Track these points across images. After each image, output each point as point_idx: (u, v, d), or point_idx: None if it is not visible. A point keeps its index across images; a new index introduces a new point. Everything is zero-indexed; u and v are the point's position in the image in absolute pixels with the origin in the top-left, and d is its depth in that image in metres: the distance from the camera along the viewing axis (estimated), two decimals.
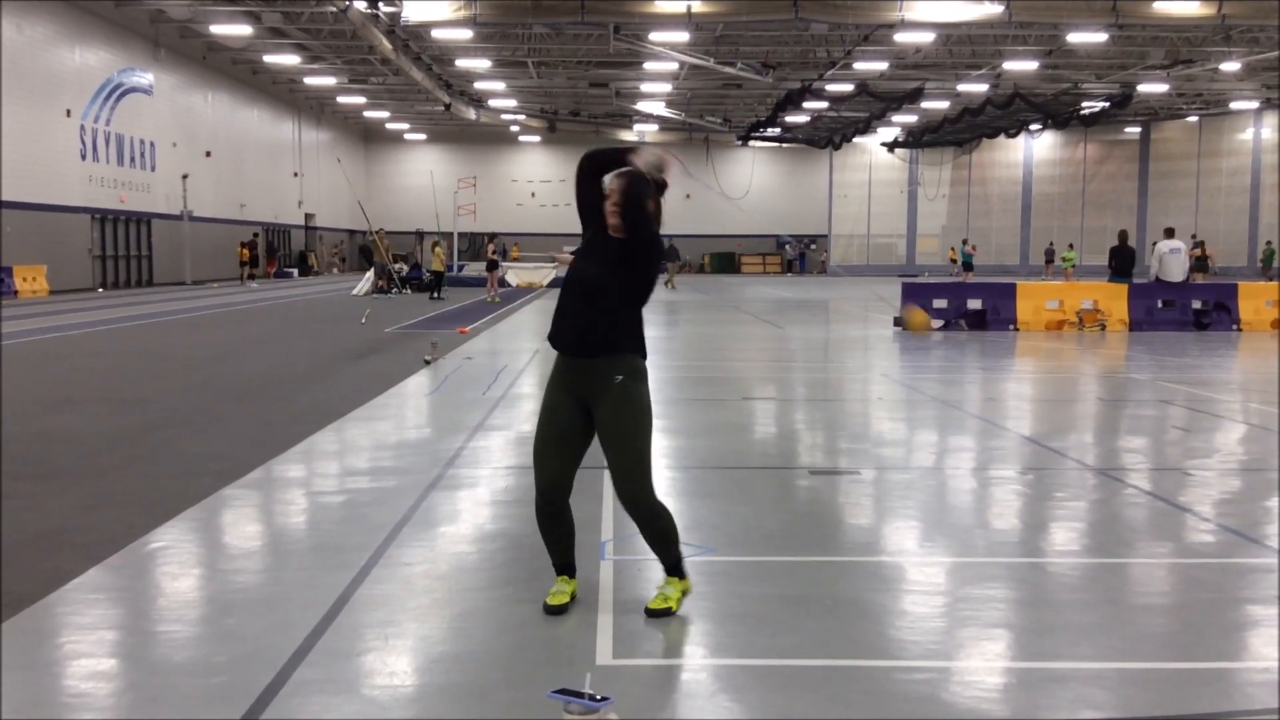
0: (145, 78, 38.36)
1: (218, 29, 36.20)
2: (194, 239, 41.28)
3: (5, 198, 30.09)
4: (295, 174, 54.68)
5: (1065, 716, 3.74)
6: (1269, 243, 48.43)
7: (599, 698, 3.46)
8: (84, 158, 34.46)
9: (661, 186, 4.70)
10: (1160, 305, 21.13)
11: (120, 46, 36.48)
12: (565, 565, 4.81)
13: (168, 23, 37.35)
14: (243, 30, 35.90)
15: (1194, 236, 44.98)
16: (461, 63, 40.86)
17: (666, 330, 20.67)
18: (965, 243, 50.55)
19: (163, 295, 32.70)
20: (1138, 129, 58.28)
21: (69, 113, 33.47)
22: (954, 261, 55.18)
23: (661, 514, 4.70)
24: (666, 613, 4.61)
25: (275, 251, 53.54)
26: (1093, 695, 3.90)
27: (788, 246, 65.08)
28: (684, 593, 4.73)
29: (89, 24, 34.52)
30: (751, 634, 4.46)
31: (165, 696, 3.85)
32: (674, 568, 4.73)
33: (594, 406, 4.65)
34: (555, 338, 4.72)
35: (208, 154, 43.87)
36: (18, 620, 4.58)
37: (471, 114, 50.88)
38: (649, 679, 4.09)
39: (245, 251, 42.59)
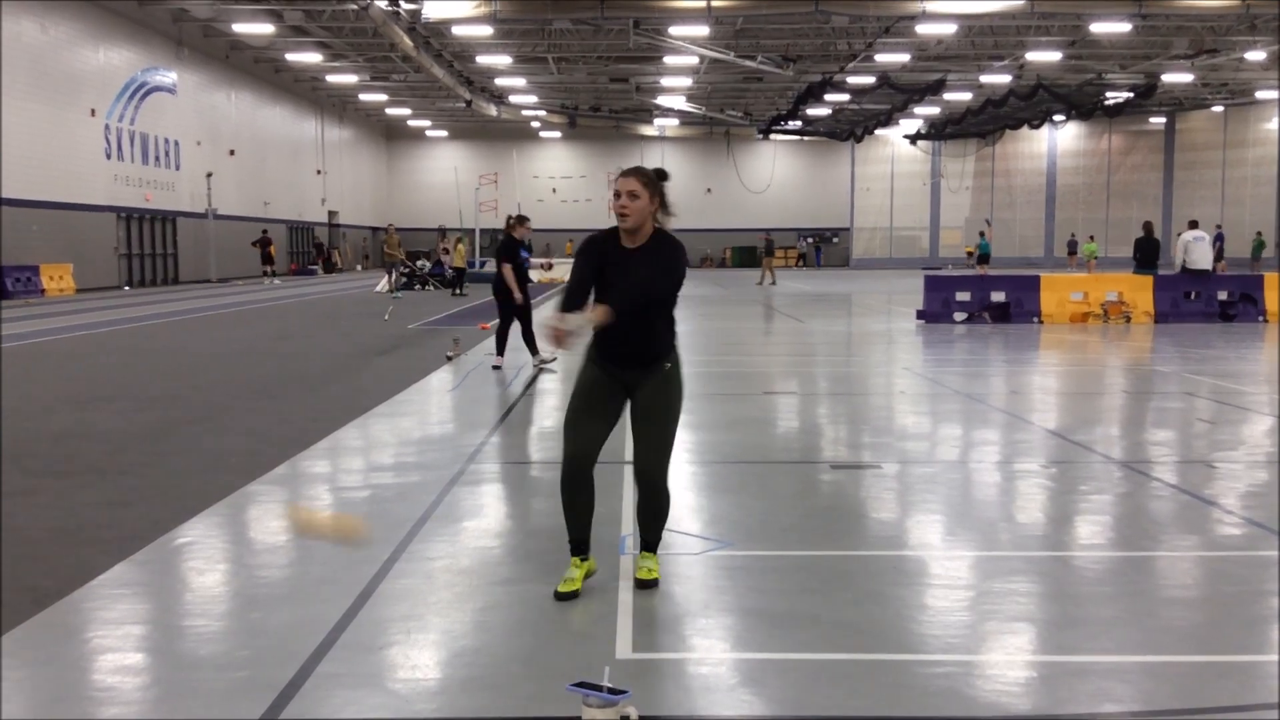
0: (169, 77, 38.61)
1: (240, 28, 36.42)
2: (218, 237, 41.52)
3: (32, 197, 30.36)
4: (318, 171, 54.96)
5: (1086, 710, 3.72)
6: (1259, 233, 47.90)
7: (618, 690, 3.47)
8: (109, 157, 34.72)
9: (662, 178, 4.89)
10: (1187, 297, 20.96)
11: (143, 46, 36.72)
12: (581, 543, 4.89)
13: (190, 21, 37.60)
14: (265, 29, 36.10)
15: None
16: (482, 59, 40.96)
17: (689, 325, 20.64)
18: (982, 234, 49.90)
19: (188, 293, 32.93)
20: (1162, 119, 57.80)
21: (93, 112, 33.72)
22: (970, 255, 54.63)
23: (667, 494, 4.95)
24: (656, 583, 4.89)
25: (332, 246, 54.48)
26: (1114, 689, 3.89)
27: (804, 240, 65.06)
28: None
29: (112, 23, 34.76)
30: (771, 628, 4.47)
31: (190, 691, 3.89)
32: (655, 545, 5.02)
33: (636, 388, 4.85)
34: (612, 359, 4.82)
35: (231, 152, 44.11)
36: (45, 615, 4.63)
37: (492, 110, 50.97)
38: (668, 672, 4.10)
39: (260, 248, 41.99)
